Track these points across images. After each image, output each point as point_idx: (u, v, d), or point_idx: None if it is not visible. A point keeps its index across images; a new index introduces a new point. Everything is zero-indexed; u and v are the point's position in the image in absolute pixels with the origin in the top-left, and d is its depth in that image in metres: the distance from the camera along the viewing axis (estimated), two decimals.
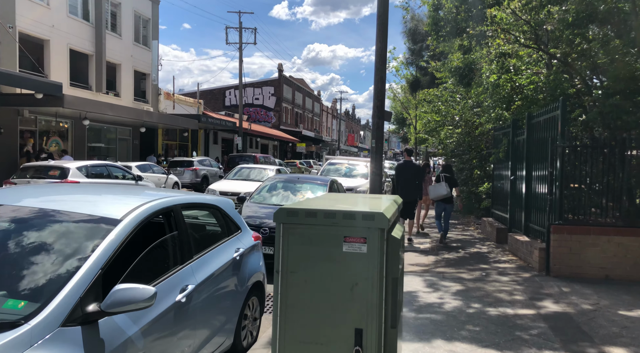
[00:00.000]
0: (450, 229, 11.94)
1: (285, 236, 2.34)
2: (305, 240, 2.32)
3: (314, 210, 2.31)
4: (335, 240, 2.29)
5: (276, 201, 8.07)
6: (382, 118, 9.74)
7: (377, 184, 9.77)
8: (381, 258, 2.27)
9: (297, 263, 2.33)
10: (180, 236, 3.34)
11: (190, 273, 3.28)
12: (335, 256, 2.30)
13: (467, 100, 13.04)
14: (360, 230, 2.27)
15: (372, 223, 2.26)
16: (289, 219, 2.33)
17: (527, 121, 8.59)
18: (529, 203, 8.37)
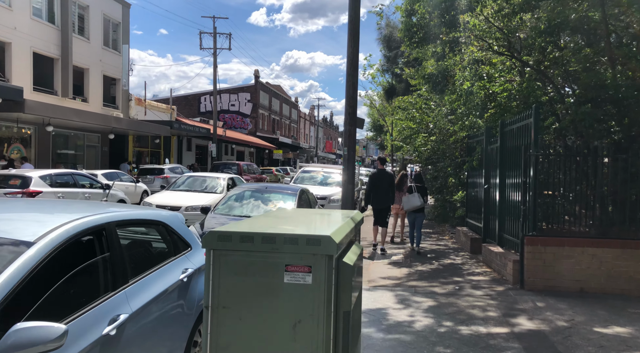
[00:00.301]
0: (424, 238, 11.74)
1: (217, 266, 1.98)
2: (240, 269, 1.96)
3: (250, 234, 1.96)
4: (275, 269, 1.95)
5: (242, 212, 7.69)
6: (355, 125, 9.47)
7: (349, 194, 9.47)
8: (329, 289, 1.94)
9: (230, 297, 1.97)
10: (112, 258, 2.95)
11: (123, 300, 2.89)
12: (275, 288, 1.95)
13: (442, 107, 12.90)
14: (304, 257, 1.93)
15: (318, 248, 1.92)
16: (221, 244, 1.97)
17: (501, 129, 8.43)
18: (502, 212, 8.19)
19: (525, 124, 7.07)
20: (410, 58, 13.71)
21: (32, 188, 10.92)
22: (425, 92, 13.84)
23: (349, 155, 9.44)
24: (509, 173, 7.83)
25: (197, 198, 11.47)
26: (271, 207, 7.81)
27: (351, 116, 9.37)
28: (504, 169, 8.16)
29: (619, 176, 6.74)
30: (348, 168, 9.45)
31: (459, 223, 12.68)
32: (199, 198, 11.58)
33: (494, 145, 8.91)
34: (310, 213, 2.99)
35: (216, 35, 31.06)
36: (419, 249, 9.64)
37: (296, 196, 7.98)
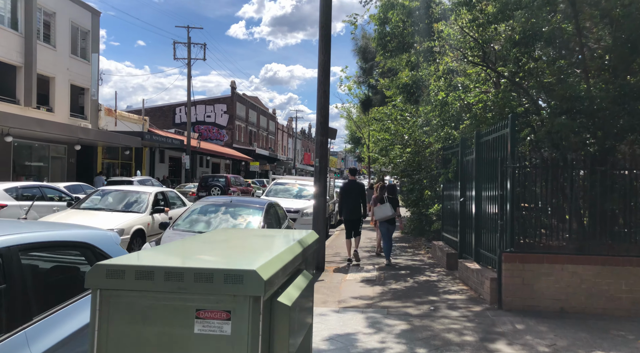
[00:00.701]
0: (400, 253, 11.36)
1: (105, 310, 1.50)
2: (136, 315, 1.49)
3: (149, 268, 1.49)
4: (182, 315, 1.48)
5: (204, 227, 7.15)
6: (326, 135, 9.07)
7: (321, 207, 9.03)
8: (255, 342, 1.47)
9: (122, 351, 1.49)
10: (11, 291, 2.42)
11: (22, 343, 2.36)
12: (182, 341, 1.48)
13: (417, 118, 12.64)
14: (221, 300, 1.47)
15: (239, 287, 1.46)
16: (111, 282, 1.49)
17: (476, 140, 8.14)
18: (479, 226, 7.86)
19: (501, 135, 6.76)
20: (385, 69, 13.46)
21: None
22: (400, 103, 13.58)
23: (321, 166, 9.02)
24: (485, 186, 7.52)
25: (106, 220, 8.61)
26: (238, 222, 7.31)
27: (323, 125, 8.97)
28: (480, 182, 7.84)
29: (597, 188, 6.47)
30: (320, 179, 9.03)
31: (435, 237, 12.35)
32: (110, 220, 8.76)
33: (470, 157, 8.61)
34: (251, 236, 2.52)
35: (190, 45, 30.52)
36: (390, 260, 9.61)
37: (263, 210, 7.49)
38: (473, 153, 8.26)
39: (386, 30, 10.11)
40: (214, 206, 7.61)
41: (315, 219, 9.07)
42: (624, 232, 6.34)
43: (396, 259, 10.41)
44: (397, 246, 12.59)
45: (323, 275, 8.49)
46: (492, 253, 6.99)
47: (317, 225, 9.02)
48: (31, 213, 9.29)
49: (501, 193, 6.32)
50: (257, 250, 1.93)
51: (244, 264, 1.53)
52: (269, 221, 7.56)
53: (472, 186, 8.32)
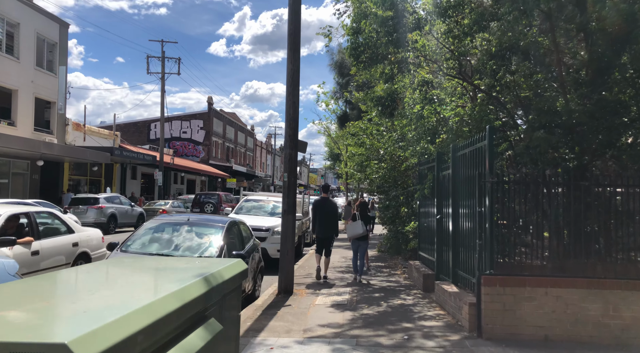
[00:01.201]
0: (375, 273, 10.81)
1: None
2: None
3: None
4: None
5: (158, 248, 6.48)
6: (296, 149, 8.54)
7: (289, 226, 8.45)
8: None
9: None
10: None
11: None
12: None
13: (392, 133, 12.24)
14: None
15: None
16: None
17: (452, 154, 7.71)
18: (456, 245, 7.37)
19: (478, 148, 6.33)
20: (360, 82, 13.08)
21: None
22: (376, 117, 13.18)
23: (290, 181, 8.46)
24: (463, 202, 7.05)
25: None
26: (195, 242, 6.65)
27: (292, 138, 8.45)
28: (457, 198, 7.39)
29: (580, 206, 6.05)
30: (289, 195, 8.46)
31: (413, 256, 11.84)
32: None
33: (446, 172, 8.17)
34: (143, 270, 1.92)
35: (164, 59, 29.88)
36: (361, 278, 9.59)
37: (223, 229, 6.86)
38: (449, 168, 7.83)
39: (359, 40, 9.70)
40: (170, 225, 6.95)
41: (283, 238, 8.47)
42: (610, 252, 5.92)
43: (371, 280, 9.84)
44: (373, 266, 12.03)
45: (291, 299, 7.86)
46: (470, 275, 6.49)
47: (285, 244, 8.42)
48: None
49: (479, 209, 5.85)
50: (121, 298, 1.34)
51: (58, 331, 0.95)
52: (230, 241, 6.92)
53: (448, 203, 7.87)
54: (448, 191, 7.97)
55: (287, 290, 8.31)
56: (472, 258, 6.42)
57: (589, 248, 5.87)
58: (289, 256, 8.40)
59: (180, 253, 6.32)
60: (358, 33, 9.80)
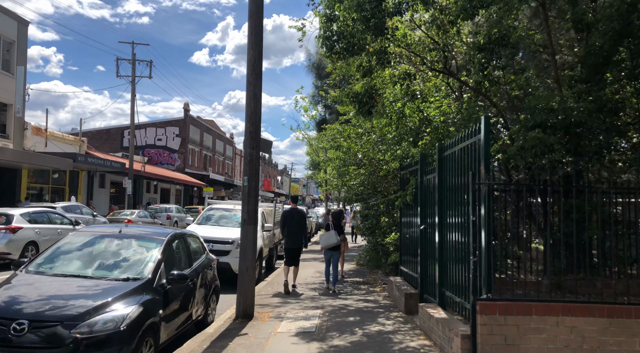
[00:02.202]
0: (352, 291, 9.64)
1: None
2: None
3: None
4: None
5: (77, 268, 5.20)
6: (258, 148, 7.35)
7: (249, 238, 7.23)
8: None
9: None
10: None
11: None
12: None
13: (371, 134, 11.15)
14: None
15: None
16: None
17: (439, 154, 6.61)
18: (444, 261, 6.26)
19: (471, 144, 5.24)
20: (336, 80, 11.99)
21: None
22: (354, 118, 12.09)
23: (250, 187, 7.26)
24: (451, 210, 5.95)
25: None
26: (123, 259, 5.37)
27: (253, 136, 7.26)
28: (445, 205, 6.28)
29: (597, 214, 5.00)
30: (249, 202, 7.25)
31: (394, 270, 10.71)
32: None
33: (431, 175, 7.08)
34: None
35: (135, 62, 28.46)
36: (334, 288, 9.45)
37: (162, 243, 5.59)
38: (435, 171, 6.74)
39: (333, 28, 8.62)
40: (96, 237, 5.66)
41: (242, 253, 7.25)
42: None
43: (346, 299, 8.65)
44: (350, 282, 10.86)
45: (249, 325, 6.62)
46: (461, 297, 5.37)
47: (244, 260, 7.19)
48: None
49: (473, 219, 4.74)
50: None
51: None
52: (170, 257, 5.67)
53: (434, 211, 6.77)
54: (433, 197, 6.87)
55: (247, 314, 7.07)
56: (463, 277, 5.31)
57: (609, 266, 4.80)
58: (248, 274, 7.17)
59: (101, 273, 5.04)
60: (332, 20, 8.71)
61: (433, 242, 6.83)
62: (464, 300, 5.19)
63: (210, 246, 10.25)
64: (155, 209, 29.11)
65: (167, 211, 27.84)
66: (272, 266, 13.42)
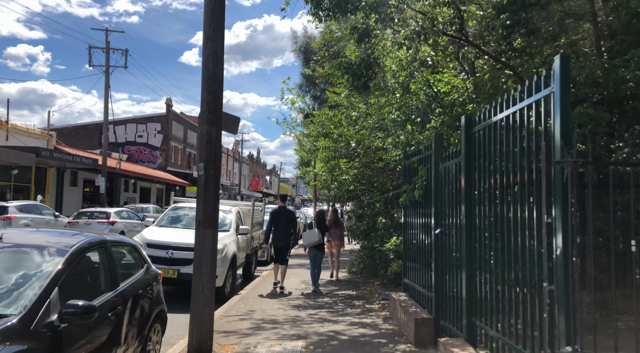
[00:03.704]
0: (344, 309, 7.79)
1: None
2: None
3: None
4: None
5: None
6: (218, 124, 5.45)
7: (207, 245, 5.34)
8: None
9: None
10: None
11: None
12: None
13: (367, 118, 9.31)
14: None
15: None
16: None
17: (465, 131, 4.78)
18: (475, 279, 4.45)
19: (530, 105, 3.41)
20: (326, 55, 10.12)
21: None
22: (345, 100, 10.24)
23: (207, 176, 5.38)
24: (490, 208, 4.13)
25: None
26: None
27: (211, 108, 5.37)
28: (477, 201, 4.46)
29: None
30: (206, 198, 5.37)
31: (394, 282, 8.90)
32: None
33: (452, 162, 5.25)
34: None
35: (109, 51, 26.36)
36: (316, 287, 9.42)
37: (62, 257, 3.69)
38: (460, 154, 4.91)
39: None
40: None
41: (197, 266, 5.36)
42: None
43: (337, 322, 6.80)
44: (341, 295, 9.02)
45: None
46: (515, 341, 3.55)
47: (199, 275, 5.30)
48: None
49: (548, 220, 2.89)
50: None
51: None
52: (72, 280, 3.74)
53: (457, 210, 4.95)
54: (456, 191, 5.06)
55: (202, 348, 5.18)
56: (517, 308, 3.49)
57: None
58: (205, 295, 5.28)
59: None
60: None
61: (455, 251, 5.02)
62: (523, 348, 3.35)
63: (169, 253, 8.35)
64: (132, 209, 27.06)
65: (144, 211, 25.79)
66: (250, 275, 11.53)
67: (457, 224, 4.99)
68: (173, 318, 6.40)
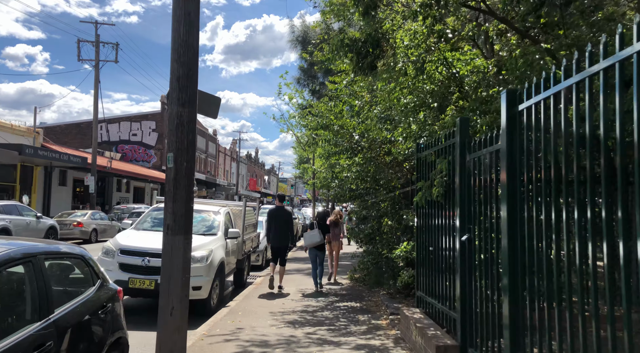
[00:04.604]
0: (348, 326, 6.73)
1: None
2: None
3: None
4: None
5: None
6: (192, 105, 4.38)
7: (177, 255, 4.26)
8: None
9: None
10: None
11: None
12: None
13: (371, 107, 8.24)
14: None
15: None
16: None
17: (507, 111, 3.71)
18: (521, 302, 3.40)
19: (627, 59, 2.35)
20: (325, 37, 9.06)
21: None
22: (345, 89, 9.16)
23: (177, 170, 4.30)
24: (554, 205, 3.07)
25: None
26: None
27: (182, 84, 4.29)
28: (533, 197, 3.39)
29: None
30: (176, 197, 4.29)
31: (402, 292, 7.85)
32: None
33: (485, 151, 4.19)
34: None
35: (99, 44, 25.28)
36: (321, 288, 9.36)
37: None
38: (500, 139, 3.84)
39: None
40: None
41: (164, 282, 4.27)
42: None
43: (338, 345, 5.72)
44: (343, 308, 7.95)
45: None
46: None
47: (167, 294, 4.22)
48: None
49: None
50: None
51: None
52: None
53: (492, 210, 3.90)
54: (491, 187, 4.01)
55: None
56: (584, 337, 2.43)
57: None
58: (175, 318, 4.20)
59: None
60: None
61: (490, 262, 3.97)
62: None
63: (146, 261, 7.27)
64: (122, 210, 25.99)
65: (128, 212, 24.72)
66: (242, 283, 10.46)
67: (494, 228, 3.94)
68: (148, 338, 5.35)
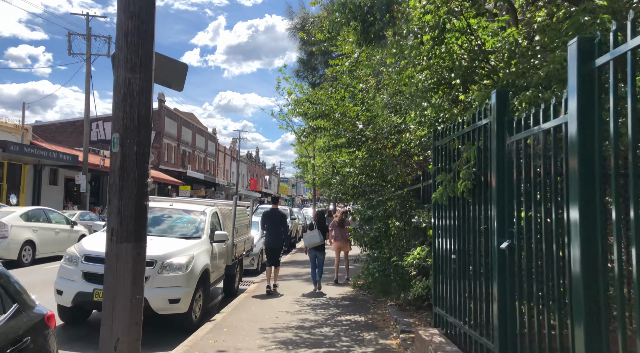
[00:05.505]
0: (352, 346, 5.64)
1: None
2: None
3: None
4: None
5: None
6: (146, 71, 3.29)
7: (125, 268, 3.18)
8: None
9: None
10: None
11: None
12: None
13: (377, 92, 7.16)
14: None
15: None
16: None
17: (579, 66, 2.62)
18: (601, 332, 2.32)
19: None
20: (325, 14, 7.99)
21: None
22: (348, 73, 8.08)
23: (125, 155, 3.22)
24: None
25: None
26: None
27: (132, 41, 3.22)
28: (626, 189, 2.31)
29: None
30: (122, 193, 3.21)
31: (414, 304, 6.77)
32: None
33: (537, 129, 3.11)
34: None
35: (90, 37, 24.25)
36: (320, 289, 9.33)
37: None
38: (564, 110, 2.75)
39: None
40: None
41: (108, 301, 3.18)
42: None
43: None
44: (345, 322, 6.86)
45: None
46: None
47: (111, 318, 3.14)
48: None
49: None
50: None
51: None
52: None
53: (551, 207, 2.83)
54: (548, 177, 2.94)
55: None
56: None
57: None
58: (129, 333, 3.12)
59: None
60: None
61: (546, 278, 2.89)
62: None
63: None
64: None
65: None
66: (233, 291, 9.40)
67: (573, 230, 2.86)
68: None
